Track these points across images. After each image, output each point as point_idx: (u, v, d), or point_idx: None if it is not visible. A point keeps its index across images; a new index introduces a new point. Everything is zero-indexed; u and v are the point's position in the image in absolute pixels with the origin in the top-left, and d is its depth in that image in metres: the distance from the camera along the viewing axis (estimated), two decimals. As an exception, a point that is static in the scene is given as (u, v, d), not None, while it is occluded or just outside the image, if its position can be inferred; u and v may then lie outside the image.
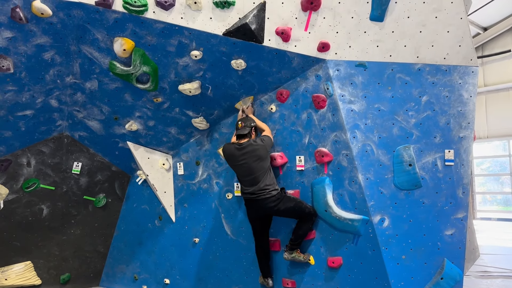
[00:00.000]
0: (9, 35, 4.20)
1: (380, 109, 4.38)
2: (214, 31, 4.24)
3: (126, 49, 4.40)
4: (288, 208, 4.44)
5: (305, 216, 4.44)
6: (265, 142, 4.50)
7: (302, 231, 4.46)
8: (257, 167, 4.46)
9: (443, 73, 4.38)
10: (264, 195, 4.44)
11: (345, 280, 4.40)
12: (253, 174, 4.47)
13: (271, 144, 4.61)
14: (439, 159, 4.33)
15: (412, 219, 4.27)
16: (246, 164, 4.49)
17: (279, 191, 4.52)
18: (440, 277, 4.19)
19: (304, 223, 4.45)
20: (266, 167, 4.51)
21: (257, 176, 4.46)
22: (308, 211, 4.44)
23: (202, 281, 5.37)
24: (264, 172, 4.48)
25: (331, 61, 4.41)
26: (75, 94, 5.05)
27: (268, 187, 4.45)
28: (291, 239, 4.51)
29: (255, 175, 4.46)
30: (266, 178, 4.48)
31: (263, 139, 4.52)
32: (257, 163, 4.46)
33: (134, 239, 5.96)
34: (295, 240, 4.48)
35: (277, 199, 4.45)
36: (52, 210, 5.70)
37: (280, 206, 4.44)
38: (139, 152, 5.59)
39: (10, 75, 4.53)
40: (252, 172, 4.47)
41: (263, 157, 4.47)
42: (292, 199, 4.50)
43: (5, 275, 5.48)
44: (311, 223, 4.46)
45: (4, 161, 5.32)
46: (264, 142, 4.50)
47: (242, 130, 4.59)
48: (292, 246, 4.50)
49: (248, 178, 4.52)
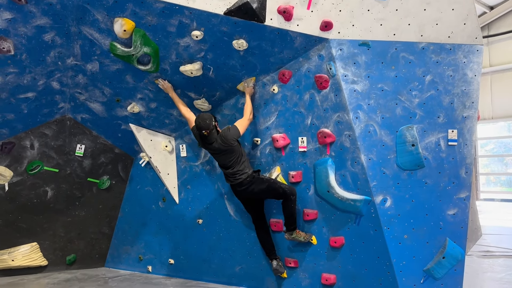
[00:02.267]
0: (9, 16, 4.17)
1: (384, 89, 4.34)
2: (215, 10, 4.18)
3: (127, 30, 4.36)
4: (262, 189, 4.59)
5: (281, 196, 4.55)
6: (228, 136, 4.55)
7: (287, 211, 4.54)
8: (226, 157, 4.63)
9: (447, 52, 4.32)
10: (237, 180, 4.62)
11: (347, 260, 4.43)
12: (226, 163, 4.67)
13: (238, 134, 4.60)
14: (442, 139, 4.31)
15: (415, 199, 4.28)
16: (217, 155, 4.72)
17: (250, 174, 4.62)
18: (442, 256, 4.21)
19: (285, 202, 4.54)
20: (236, 155, 4.61)
21: (229, 164, 4.64)
22: (282, 190, 4.53)
23: (206, 261, 5.43)
24: (235, 160, 4.61)
25: (334, 41, 4.36)
26: (76, 76, 5.03)
27: (239, 172, 4.61)
28: (285, 224, 4.61)
29: (228, 164, 4.65)
30: (237, 163, 4.62)
31: (225, 138, 4.55)
32: (224, 154, 4.62)
33: (138, 220, 6.01)
34: (287, 220, 4.57)
35: (248, 181, 4.59)
36: (57, 192, 5.75)
37: (253, 188, 4.60)
38: (142, 134, 5.59)
39: (11, 57, 4.51)
40: (224, 161, 4.67)
41: (229, 151, 4.59)
42: (264, 180, 4.62)
43: (12, 256, 5.56)
44: (292, 201, 4.53)
45: (7, 143, 5.34)
46: (227, 136, 4.54)
47: (210, 139, 4.60)
48: (288, 227, 4.57)
49: (223, 165, 4.73)
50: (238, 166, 4.62)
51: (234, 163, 4.62)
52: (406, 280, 4.20)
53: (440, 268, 4.22)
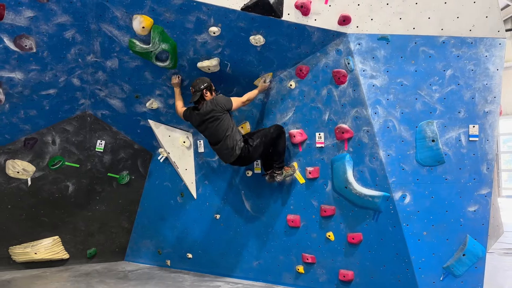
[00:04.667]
0: (31, 15, 4.25)
1: (403, 84, 4.28)
2: (232, 6, 4.19)
3: (145, 27, 4.40)
4: (261, 152, 4.62)
5: (275, 140, 4.64)
6: (219, 100, 4.54)
7: (280, 147, 4.66)
8: (214, 128, 4.57)
9: (469, 46, 4.24)
10: (233, 157, 4.58)
11: (365, 256, 4.41)
12: (215, 136, 4.60)
13: (230, 105, 4.59)
14: (463, 135, 4.23)
15: (434, 196, 4.22)
16: (206, 127, 4.64)
17: (243, 147, 4.57)
18: (462, 254, 4.15)
19: (277, 141, 4.64)
20: (225, 127, 4.55)
21: (220, 137, 4.57)
22: (275, 135, 4.62)
23: (223, 256, 5.47)
24: (224, 132, 4.55)
25: (352, 35, 4.32)
26: (96, 72, 5.11)
27: (231, 147, 4.54)
28: (275, 161, 4.68)
29: (219, 137, 4.58)
30: (228, 137, 4.55)
31: (216, 100, 4.54)
32: (211, 122, 4.56)
33: (157, 215, 6.09)
34: (279, 158, 4.67)
35: (245, 154, 4.56)
36: (78, 187, 5.86)
37: (252, 157, 4.63)
38: (160, 130, 5.65)
39: (33, 54, 4.60)
40: (213, 133, 4.61)
41: (215, 117, 4.54)
42: (257, 145, 4.57)
43: (35, 249, 5.70)
44: (282, 138, 4.67)
45: (30, 139, 5.46)
46: (218, 99, 4.54)
47: (193, 97, 4.62)
48: (279, 166, 4.66)
49: (212, 139, 4.68)
50: (229, 140, 4.55)
51: (224, 137, 4.55)
52: (425, 277, 4.16)
53: (460, 265, 4.16)
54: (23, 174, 5.51)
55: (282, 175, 4.67)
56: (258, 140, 4.61)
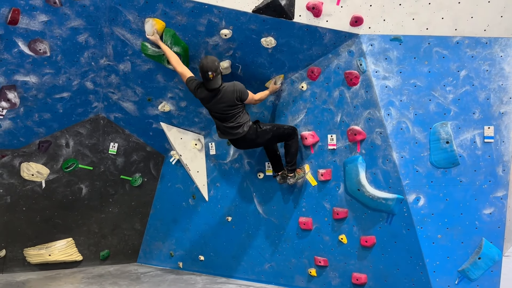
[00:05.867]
0: (45, 19, 4.31)
1: (416, 85, 4.24)
2: (244, 8, 4.19)
3: (157, 30, 4.43)
4: (267, 139, 4.58)
5: (286, 137, 4.62)
6: (237, 90, 4.39)
7: (293, 149, 4.64)
8: (226, 108, 4.43)
9: (483, 46, 4.18)
10: (239, 134, 4.50)
11: (379, 259, 4.36)
12: (225, 114, 4.47)
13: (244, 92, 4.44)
14: (478, 136, 4.17)
15: (449, 198, 4.16)
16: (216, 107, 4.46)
17: (252, 127, 4.51)
18: (477, 257, 4.08)
19: (290, 142, 4.63)
20: (239, 108, 4.46)
21: (229, 115, 4.46)
22: (287, 132, 4.61)
23: (235, 258, 5.47)
24: (236, 112, 4.45)
25: (365, 36, 4.28)
26: (109, 76, 5.15)
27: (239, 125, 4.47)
28: (288, 162, 4.66)
29: (228, 115, 4.46)
30: (238, 116, 4.46)
31: (236, 87, 4.40)
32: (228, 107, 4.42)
33: (169, 217, 6.11)
34: (291, 160, 4.65)
35: (251, 135, 4.51)
36: (91, 189, 5.91)
37: (258, 142, 4.59)
38: (172, 133, 5.68)
39: (47, 58, 4.66)
40: (223, 112, 4.46)
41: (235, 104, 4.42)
42: (268, 130, 4.54)
43: (49, 251, 5.76)
44: (296, 139, 4.66)
45: (44, 142, 5.53)
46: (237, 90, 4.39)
47: (216, 82, 4.32)
48: (291, 168, 4.65)
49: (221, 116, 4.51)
50: (239, 119, 4.46)
51: (234, 116, 4.45)
52: (439, 280, 4.10)
53: (476, 269, 4.10)
54: (38, 177, 5.58)
55: (295, 177, 4.66)
56: (269, 127, 4.59)
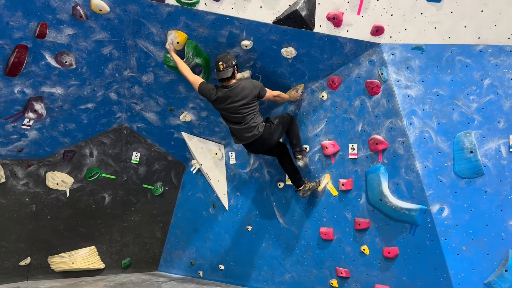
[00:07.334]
0: (71, 32, 4.43)
1: (439, 94, 4.19)
2: (264, 19, 4.24)
3: (180, 42, 4.50)
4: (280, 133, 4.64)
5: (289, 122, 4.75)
6: (255, 85, 4.39)
7: (296, 129, 4.81)
8: (243, 110, 4.40)
9: (507, 54, 4.11)
10: (255, 136, 4.47)
11: (402, 271, 4.30)
12: (240, 115, 4.43)
13: (262, 88, 4.44)
14: (503, 146, 4.09)
15: (474, 209, 4.08)
16: (231, 106, 4.41)
17: (267, 126, 4.55)
18: (504, 269, 3.98)
19: (291, 126, 4.76)
20: (254, 107, 4.44)
21: (244, 115, 4.41)
22: (288, 118, 4.76)
23: (255, 268, 5.46)
24: (251, 111, 4.42)
25: (386, 45, 4.27)
26: (132, 87, 5.25)
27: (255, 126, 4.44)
28: (294, 145, 4.76)
29: (241, 117, 4.43)
30: (253, 116, 4.44)
31: (253, 83, 4.41)
32: (243, 105, 4.38)
33: (190, 226, 6.15)
34: (297, 142, 4.77)
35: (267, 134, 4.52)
36: (114, 198, 6.00)
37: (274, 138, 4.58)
38: (193, 142, 5.74)
39: (73, 70, 4.78)
40: (238, 113, 4.42)
41: (251, 101, 4.39)
42: (277, 124, 4.61)
43: (72, 259, 5.86)
44: (294, 122, 4.82)
45: (69, 152, 5.65)
46: (254, 86, 4.39)
47: (225, 73, 4.32)
48: (299, 150, 4.74)
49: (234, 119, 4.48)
50: (254, 119, 4.45)
51: (249, 115, 4.41)
52: (465, 293, 4.01)
53: (503, 281, 3.99)
54: (62, 186, 5.70)
55: (306, 188, 4.69)
56: (277, 120, 4.67)
